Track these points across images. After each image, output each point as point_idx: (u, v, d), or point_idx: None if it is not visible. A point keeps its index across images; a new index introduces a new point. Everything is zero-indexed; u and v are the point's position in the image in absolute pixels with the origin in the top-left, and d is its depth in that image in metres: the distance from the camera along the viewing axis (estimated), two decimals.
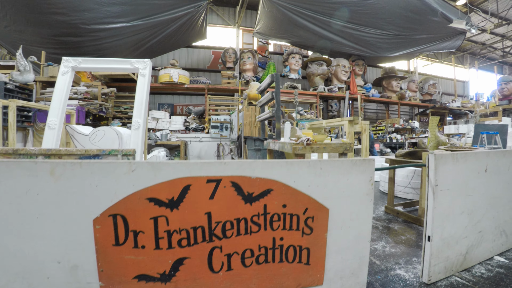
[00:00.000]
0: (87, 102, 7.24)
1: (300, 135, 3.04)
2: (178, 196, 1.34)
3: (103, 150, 1.91)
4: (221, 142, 10.21)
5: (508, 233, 2.89)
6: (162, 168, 1.31)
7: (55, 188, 1.27)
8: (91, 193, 1.29)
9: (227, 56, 12.54)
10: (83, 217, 1.30)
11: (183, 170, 1.32)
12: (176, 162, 1.32)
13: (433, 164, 2.04)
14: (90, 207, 1.30)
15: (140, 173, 1.30)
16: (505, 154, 2.66)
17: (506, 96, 14.09)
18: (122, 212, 1.32)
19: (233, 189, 1.38)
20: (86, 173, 1.28)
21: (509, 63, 22.33)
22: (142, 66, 4.63)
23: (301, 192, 1.49)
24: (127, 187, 1.30)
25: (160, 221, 1.35)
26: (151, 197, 1.32)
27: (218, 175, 1.36)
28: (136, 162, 1.30)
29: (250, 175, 1.39)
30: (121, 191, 1.30)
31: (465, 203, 2.35)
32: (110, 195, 1.30)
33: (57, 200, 1.28)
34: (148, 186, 1.31)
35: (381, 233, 3.29)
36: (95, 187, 1.29)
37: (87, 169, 1.27)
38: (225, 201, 1.39)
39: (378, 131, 13.83)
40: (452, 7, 10.56)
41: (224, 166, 1.35)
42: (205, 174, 1.34)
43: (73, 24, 8.53)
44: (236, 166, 1.37)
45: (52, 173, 1.26)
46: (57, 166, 1.26)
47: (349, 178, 1.59)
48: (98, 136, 4.60)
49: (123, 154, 1.91)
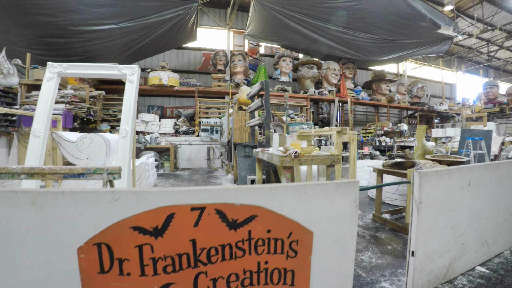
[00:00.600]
0: (75, 106, 7.11)
1: (288, 147, 3.06)
2: (163, 224, 1.34)
3: (88, 169, 1.89)
4: (212, 145, 10.20)
5: (490, 243, 2.97)
6: (145, 197, 1.30)
7: (37, 218, 1.25)
8: (75, 222, 1.28)
9: (218, 58, 12.50)
10: (67, 246, 1.29)
11: (167, 199, 1.32)
12: (159, 190, 1.32)
13: (418, 182, 2.09)
14: (74, 236, 1.29)
15: (123, 202, 1.29)
16: (487, 168, 2.73)
17: (491, 99, 14.44)
18: (107, 241, 1.31)
19: (218, 216, 1.39)
20: (69, 203, 1.26)
21: (494, 67, 22.90)
22: (130, 72, 4.58)
23: (285, 217, 1.50)
24: (111, 216, 1.30)
25: (145, 248, 1.35)
26: (135, 226, 1.32)
27: (202, 203, 1.36)
28: (120, 191, 1.29)
29: (234, 202, 1.39)
30: (105, 220, 1.29)
31: (448, 217, 2.41)
32: (94, 224, 1.29)
33: (39, 230, 1.26)
34: (132, 215, 1.31)
35: (368, 243, 3.33)
36: (78, 216, 1.28)
37: (69, 199, 1.26)
38: (210, 228, 1.39)
39: (367, 134, 13.99)
40: (439, 13, 10.76)
41: (208, 194, 1.36)
42: (189, 202, 1.34)
43: (59, 25, 8.35)
44: (220, 194, 1.37)
45: (34, 203, 1.24)
46: (39, 196, 1.24)
47: (333, 201, 1.62)
48: (85, 143, 4.53)
49: (108, 173, 1.89)
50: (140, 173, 4.87)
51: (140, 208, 1.31)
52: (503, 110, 13.95)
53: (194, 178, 7.96)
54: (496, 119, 14.68)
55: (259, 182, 4.18)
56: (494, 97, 14.40)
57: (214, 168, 10.14)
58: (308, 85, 13.58)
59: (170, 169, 9.19)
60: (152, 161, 5.71)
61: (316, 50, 13.12)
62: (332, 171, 3.12)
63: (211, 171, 9.45)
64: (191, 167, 10.25)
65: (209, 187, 1.37)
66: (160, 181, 7.30)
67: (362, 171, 6.98)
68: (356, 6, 9.71)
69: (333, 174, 3.13)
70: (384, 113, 17.21)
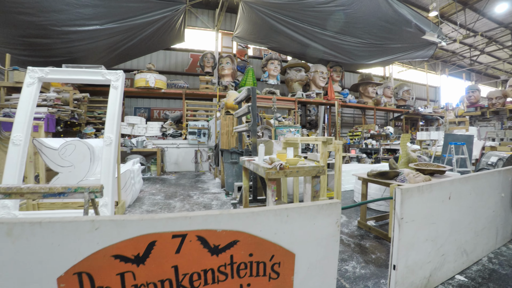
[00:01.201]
0: (58, 109, 6.94)
1: (274, 158, 3.08)
2: (144, 252, 1.32)
3: (69, 188, 1.85)
4: (199, 149, 10.14)
5: (469, 251, 3.05)
6: (126, 226, 1.29)
7: (13, 249, 1.22)
8: (54, 252, 1.25)
9: (206, 60, 12.42)
10: (46, 276, 1.26)
11: (148, 227, 1.31)
12: (140, 218, 1.30)
13: (399, 198, 2.13)
14: (53, 266, 1.26)
15: (103, 231, 1.28)
16: (467, 181, 2.81)
17: (473, 103, 14.87)
18: (88, 270, 1.29)
19: (199, 243, 1.39)
20: (47, 233, 1.23)
21: (476, 71, 23.58)
22: (114, 78, 4.50)
23: (267, 241, 1.51)
24: (91, 245, 1.28)
25: (127, 276, 1.34)
26: (116, 254, 1.30)
27: (183, 230, 1.35)
28: (100, 220, 1.27)
29: (216, 228, 1.39)
30: (85, 249, 1.27)
31: (429, 230, 2.47)
32: (74, 253, 1.27)
33: (17, 260, 1.23)
34: (113, 244, 1.29)
35: (352, 252, 3.38)
36: (57, 246, 1.25)
37: (47, 229, 1.23)
38: (192, 254, 1.39)
39: (354, 136, 14.18)
40: (424, 19, 11.00)
41: (189, 221, 1.35)
42: (170, 229, 1.34)
43: (41, 25, 8.11)
44: (201, 220, 1.37)
45: (10, 234, 1.21)
46: (15, 226, 1.21)
47: (315, 223, 1.64)
48: (68, 151, 4.43)
49: (90, 191, 1.85)
50: (125, 181, 4.80)
51: (121, 236, 1.29)
52: (484, 113, 14.40)
53: (181, 182, 7.90)
54: (478, 122, 15.14)
55: (245, 190, 4.19)
56: (476, 101, 14.84)
57: (201, 172, 10.09)
58: (296, 88, 13.66)
59: (157, 173, 9.09)
60: (137, 167, 5.63)
61: (306, 54, 13.20)
62: (317, 181, 3.16)
63: (198, 175, 9.39)
64: (178, 170, 10.17)
65: (190, 213, 1.37)
66: (146, 186, 7.21)
67: (348, 175, 7.08)
68: (344, 11, 9.82)
69: (318, 185, 3.16)
70: (371, 116, 17.49)
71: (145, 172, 9.14)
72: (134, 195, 5.31)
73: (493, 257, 3.26)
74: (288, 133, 8.56)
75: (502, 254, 3.36)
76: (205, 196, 6.05)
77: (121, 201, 4.54)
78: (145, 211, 4.84)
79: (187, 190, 6.72)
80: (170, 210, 4.97)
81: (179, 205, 5.32)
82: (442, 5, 13.91)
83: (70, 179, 4.40)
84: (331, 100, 14.06)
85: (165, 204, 5.34)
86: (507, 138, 9.76)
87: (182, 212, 1.28)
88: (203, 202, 5.51)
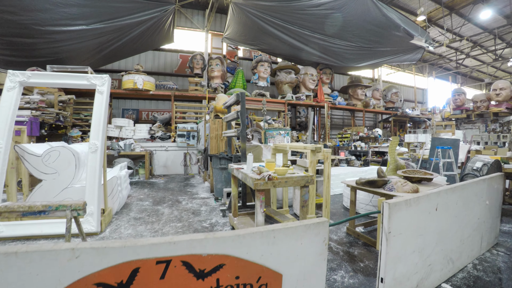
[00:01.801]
0: (42, 112, 6.75)
1: (263, 168, 3.06)
2: (127, 279, 1.28)
3: (49, 206, 1.78)
4: (188, 151, 10.04)
5: (455, 259, 3.09)
6: (108, 253, 1.24)
7: None
8: (32, 282, 1.20)
9: (195, 62, 12.30)
10: None
11: (131, 254, 1.27)
12: (122, 245, 1.26)
13: (387, 213, 2.14)
14: None
15: (85, 259, 1.23)
16: (454, 191, 2.85)
17: (459, 106, 15.19)
18: None
19: (184, 268, 1.35)
20: (24, 263, 1.18)
21: (461, 73, 24.14)
22: (100, 83, 4.41)
23: (253, 263, 1.49)
24: (72, 274, 1.23)
25: None
26: (98, 282, 1.26)
27: (168, 256, 1.31)
28: (80, 248, 1.22)
29: (201, 252, 1.36)
30: (66, 278, 1.22)
31: (416, 242, 2.49)
32: (54, 282, 1.22)
33: None
34: (95, 272, 1.24)
35: (341, 260, 3.38)
36: (35, 276, 1.20)
37: (24, 259, 1.18)
38: (177, 279, 1.35)
39: (343, 138, 14.30)
40: (413, 23, 11.16)
41: (173, 246, 1.31)
42: (154, 255, 1.30)
43: (24, 25, 7.86)
44: (186, 245, 1.33)
45: None
46: None
47: (302, 242, 1.62)
48: (52, 157, 4.31)
49: (72, 209, 1.79)
50: (112, 188, 4.70)
51: (103, 264, 1.25)
52: (470, 116, 14.73)
53: (170, 186, 7.80)
54: (463, 125, 15.47)
55: (234, 198, 4.16)
56: (461, 104, 15.15)
57: (191, 175, 9.99)
58: (286, 90, 13.68)
59: (145, 177, 8.95)
60: (124, 173, 5.53)
61: (296, 56, 13.23)
62: (306, 191, 3.15)
63: (187, 178, 9.30)
64: (167, 173, 10.05)
65: (174, 238, 1.33)
66: (134, 190, 7.10)
67: (337, 179, 7.12)
68: (334, 14, 9.87)
69: (307, 195, 3.16)
70: (360, 117, 17.68)
71: (133, 176, 9.00)
72: (121, 202, 5.21)
73: (478, 264, 3.31)
74: (278, 136, 8.56)
75: (486, 260, 3.42)
76: (194, 202, 5.99)
77: (108, 209, 4.45)
78: (133, 218, 4.76)
79: (175, 195, 6.64)
80: (158, 217, 4.89)
81: (168, 211, 5.24)
82: (430, 9, 14.16)
83: (54, 186, 4.29)
84: (321, 102, 14.14)
85: (153, 211, 5.26)
86: (491, 141, 9.99)
87: (166, 237, 1.24)
88: (192, 208, 5.45)
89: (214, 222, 4.61)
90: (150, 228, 4.31)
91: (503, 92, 12.97)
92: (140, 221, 4.63)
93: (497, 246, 3.81)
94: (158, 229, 4.25)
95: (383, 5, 9.80)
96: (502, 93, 12.98)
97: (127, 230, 4.21)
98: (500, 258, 3.45)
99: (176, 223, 4.54)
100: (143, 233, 4.10)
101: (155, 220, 4.68)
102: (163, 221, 4.66)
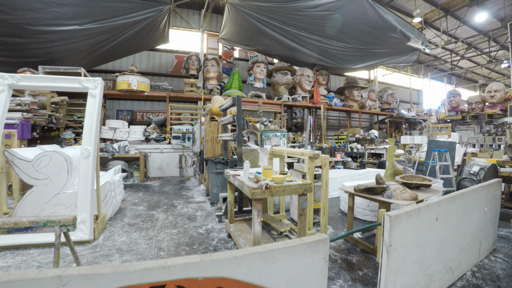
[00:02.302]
0: (34, 114, 6.61)
1: (260, 176, 2.99)
2: None
3: (37, 222, 1.69)
4: (184, 153, 9.93)
5: (454, 268, 3.05)
6: (98, 279, 1.16)
7: None
8: None
9: (190, 63, 12.18)
10: None
11: (122, 279, 1.19)
12: (113, 271, 1.18)
13: (388, 226, 2.08)
14: None
15: (73, 287, 1.15)
16: (454, 200, 2.80)
17: (454, 107, 15.27)
18: None
19: None
20: None
21: (456, 75, 24.30)
22: (92, 86, 4.30)
23: (252, 284, 1.42)
24: None
25: None
26: None
27: (161, 280, 1.24)
28: (67, 275, 1.14)
29: (197, 276, 1.29)
30: None
31: (417, 253, 2.44)
32: None
33: None
34: None
35: (339, 268, 3.32)
36: None
37: None
38: None
39: (340, 140, 14.28)
40: (409, 25, 11.16)
41: (168, 270, 1.24)
42: (147, 281, 1.22)
43: (14, 24, 7.68)
44: (181, 269, 1.26)
45: None
46: None
47: (302, 261, 1.55)
48: (43, 162, 4.19)
49: (61, 225, 1.70)
50: (105, 193, 4.60)
51: None
52: (465, 117, 14.83)
53: (165, 189, 7.70)
54: (458, 126, 15.56)
55: (230, 203, 4.08)
56: (456, 105, 15.24)
57: (186, 177, 9.88)
58: (282, 91, 13.62)
59: (140, 179, 8.83)
60: (118, 178, 5.42)
61: (292, 57, 13.17)
62: (304, 199, 3.09)
63: (183, 180, 9.20)
64: (162, 176, 9.93)
65: (168, 261, 1.25)
66: (128, 194, 6.98)
67: (334, 182, 7.08)
68: (331, 15, 9.83)
69: (305, 203, 3.09)
70: (356, 119, 17.70)
71: (128, 179, 8.87)
72: (115, 207, 5.10)
73: (477, 271, 3.28)
74: (274, 138, 8.49)
75: (484, 267, 3.39)
76: (190, 206, 5.90)
77: (101, 215, 4.34)
78: (127, 225, 4.66)
79: (171, 199, 6.54)
80: (153, 222, 4.80)
81: (163, 216, 5.15)
82: (426, 11, 14.20)
83: (45, 192, 4.17)
84: (317, 104, 14.11)
85: (148, 216, 5.16)
86: (486, 144, 10.04)
87: (159, 260, 1.16)
88: (187, 213, 5.36)
89: (210, 228, 4.53)
90: (145, 235, 4.22)
91: (497, 94, 13.07)
92: (135, 227, 4.53)
93: (495, 252, 3.79)
94: (152, 236, 4.16)
95: (380, 7, 9.79)
96: (497, 95, 13.08)
97: (121, 237, 4.12)
98: (499, 265, 3.42)
99: (171, 229, 4.45)
100: (137, 240, 4.00)
101: (149, 226, 4.59)
102: (158, 227, 4.57)
